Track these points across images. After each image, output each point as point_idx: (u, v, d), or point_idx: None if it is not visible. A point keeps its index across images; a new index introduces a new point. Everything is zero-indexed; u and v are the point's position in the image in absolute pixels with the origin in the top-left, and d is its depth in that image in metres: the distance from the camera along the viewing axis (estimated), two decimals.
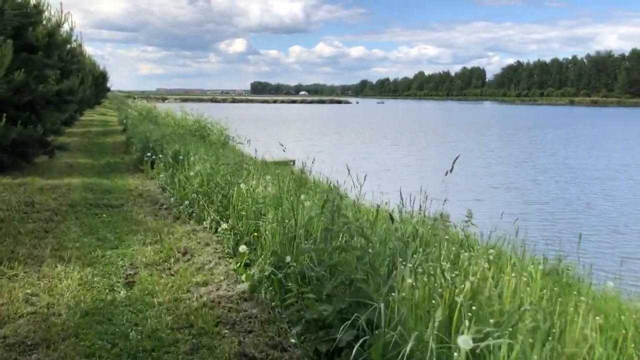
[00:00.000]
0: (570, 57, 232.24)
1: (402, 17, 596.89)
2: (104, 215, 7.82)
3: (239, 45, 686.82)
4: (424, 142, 36.34)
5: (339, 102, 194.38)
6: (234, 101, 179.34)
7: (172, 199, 8.95)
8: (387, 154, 28.64)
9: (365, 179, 5.53)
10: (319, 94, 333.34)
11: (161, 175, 10.44)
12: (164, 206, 8.49)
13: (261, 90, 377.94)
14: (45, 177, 11.01)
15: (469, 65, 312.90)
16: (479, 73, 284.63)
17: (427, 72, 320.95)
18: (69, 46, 21.14)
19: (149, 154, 11.75)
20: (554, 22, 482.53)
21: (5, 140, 10.57)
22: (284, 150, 7.75)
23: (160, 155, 11.55)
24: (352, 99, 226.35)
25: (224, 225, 6.10)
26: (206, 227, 6.85)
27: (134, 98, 46.72)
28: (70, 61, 20.84)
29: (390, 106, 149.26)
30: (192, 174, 8.36)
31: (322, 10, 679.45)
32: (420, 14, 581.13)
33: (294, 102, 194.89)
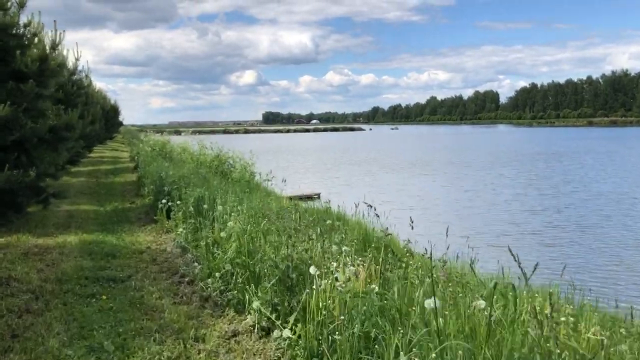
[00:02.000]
0: (585, 78, 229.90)
1: (410, 43, 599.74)
2: (104, 297, 5.55)
3: (249, 76, 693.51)
4: (455, 170, 33.89)
5: (352, 129, 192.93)
6: (246, 132, 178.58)
7: (195, 264, 6.70)
8: (421, 186, 26.25)
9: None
10: (331, 121, 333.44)
11: (180, 230, 8.21)
12: (186, 279, 6.21)
13: (273, 120, 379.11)
14: (37, 233, 8.81)
15: (480, 89, 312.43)
16: (492, 96, 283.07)
17: (438, 97, 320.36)
18: (74, 77, 19.33)
19: (164, 200, 9.55)
20: (563, 43, 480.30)
21: None
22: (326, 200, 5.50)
23: (178, 202, 9.34)
24: (365, 126, 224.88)
25: (286, 333, 3.80)
26: (253, 325, 4.54)
27: (146, 132, 45.05)
28: (76, 93, 18.97)
29: (405, 132, 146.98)
30: (223, 235, 6.09)
31: (331, 40, 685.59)
32: (428, 40, 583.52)
33: (307, 130, 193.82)
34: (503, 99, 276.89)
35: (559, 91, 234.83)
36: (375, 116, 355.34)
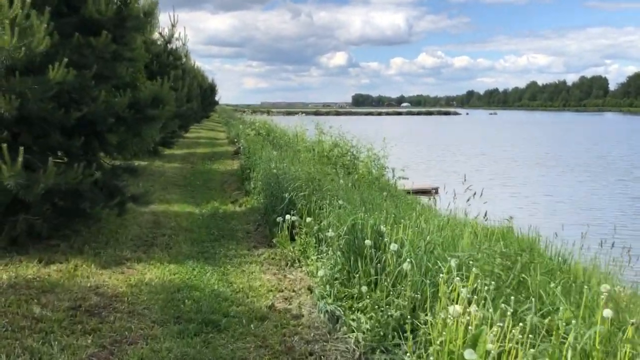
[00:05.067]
0: None
1: (509, 25, 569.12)
2: None
3: (339, 58, 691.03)
4: (600, 169, 28.59)
5: (448, 113, 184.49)
6: (337, 113, 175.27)
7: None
8: (569, 188, 21.64)
9: None
10: (422, 105, 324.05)
11: (320, 273, 5.01)
12: None
13: (362, 102, 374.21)
14: (105, 258, 5.95)
15: (584, 74, 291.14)
16: (600, 82, 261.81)
17: (538, 82, 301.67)
18: (170, 46, 16.85)
19: (287, 215, 6.42)
20: None
21: (30, 194, 5.64)
22: None
23: (309, 219, 6.19)
24: (461, 110, 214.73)
25: None
26: None
27: (243, 112, 43.04)
28: (172, 64, 16.47)
29: (506, 118, 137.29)
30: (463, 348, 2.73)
31: (425, 21, 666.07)
32: (528, 22, 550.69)
33: (399, 113, 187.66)
34: (613, 85, 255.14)
35: None
36: (470, 100, 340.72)
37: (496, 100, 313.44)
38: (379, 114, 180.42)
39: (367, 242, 4.60)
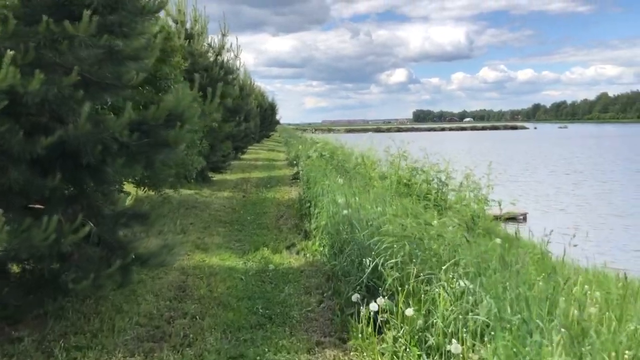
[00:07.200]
0: None
1: (575, 36, 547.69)
2: None
3: (399, 75, 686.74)
4: None
5: (514, 127, 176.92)
6: (398, 130, 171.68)
7: None
8: None
9: None
10: (485, 120, 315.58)
11: None
12: None
13: (423, 118, 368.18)
14: None
15: None
16: None
17: (608, 93, 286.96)
18: (220, 59, 14.88)
19: (372, 304, 3.94)
20: None
21: None
22: None
23: (409, 310, 3.69)
24: (529, 124, 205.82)
25: None
26: None
27: (304, 130, 41.15)
28: (224, 79, 14.44)
29: (578, 132, 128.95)
30: None
31: (486, 35, 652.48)
32: (595, 32, 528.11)
33: (462, 129, 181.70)
34: None
35: None
36: (536, 114, 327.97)
37: (564, 113, 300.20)
38: (442, 129, 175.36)
39: None
